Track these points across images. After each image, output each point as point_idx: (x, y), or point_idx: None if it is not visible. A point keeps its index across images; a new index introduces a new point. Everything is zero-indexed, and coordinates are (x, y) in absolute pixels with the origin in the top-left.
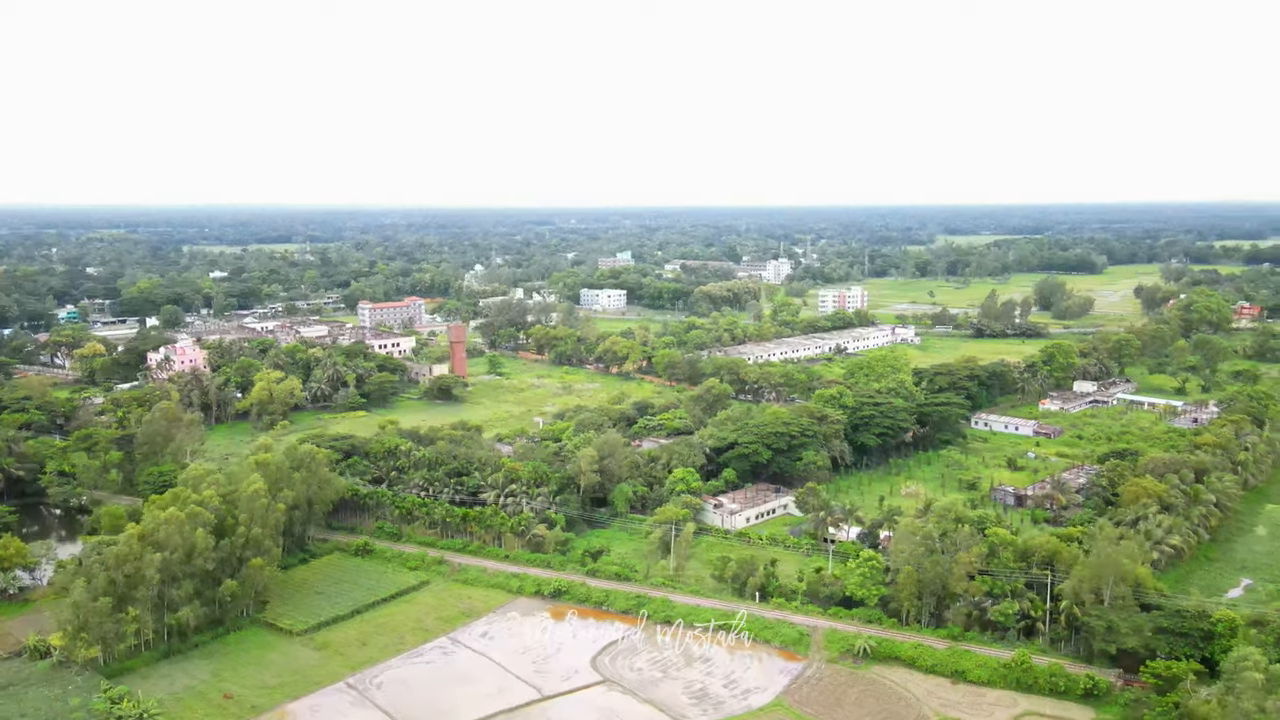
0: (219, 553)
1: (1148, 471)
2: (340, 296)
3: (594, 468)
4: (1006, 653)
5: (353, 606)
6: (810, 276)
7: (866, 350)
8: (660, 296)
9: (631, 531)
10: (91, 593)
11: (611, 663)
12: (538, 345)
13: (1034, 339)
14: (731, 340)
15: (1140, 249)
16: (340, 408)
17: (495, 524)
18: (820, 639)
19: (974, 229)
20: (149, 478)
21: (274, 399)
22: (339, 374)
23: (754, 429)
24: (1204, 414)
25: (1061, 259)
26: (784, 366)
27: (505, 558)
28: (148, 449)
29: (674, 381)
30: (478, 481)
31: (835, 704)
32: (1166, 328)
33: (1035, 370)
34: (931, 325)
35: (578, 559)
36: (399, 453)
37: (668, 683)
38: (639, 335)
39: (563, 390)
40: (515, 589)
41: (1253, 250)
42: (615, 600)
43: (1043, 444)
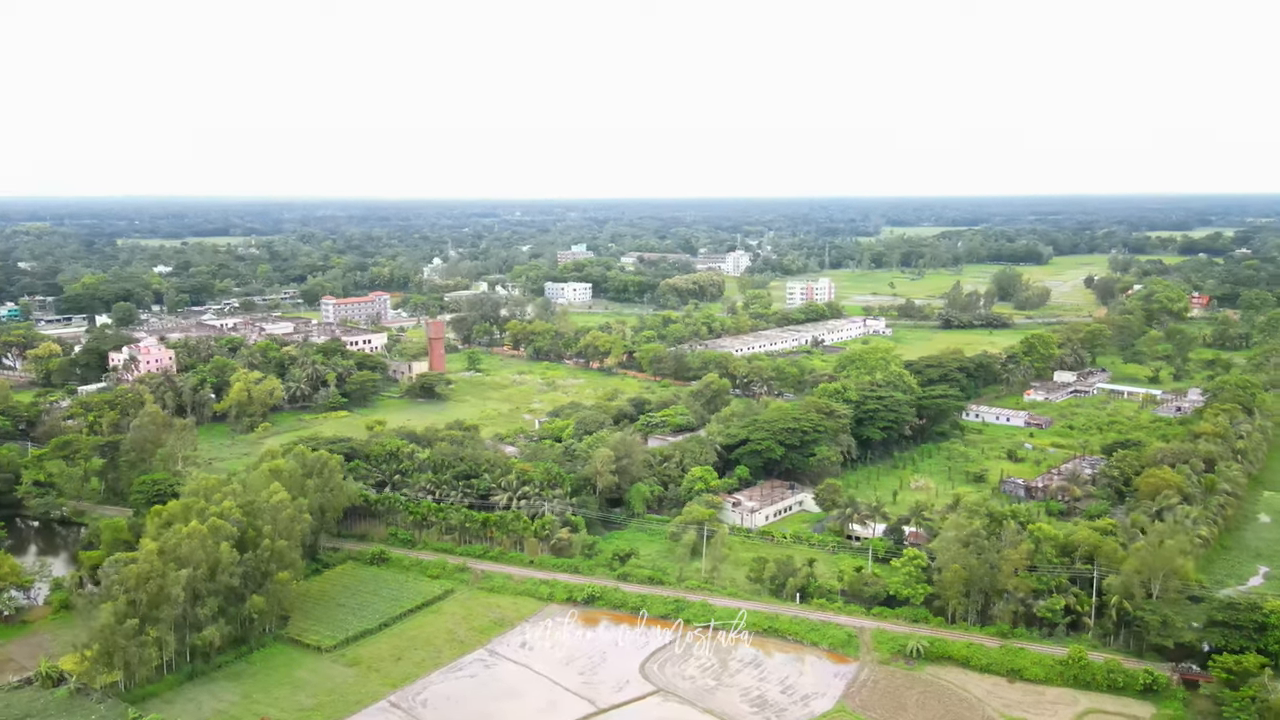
0: (243, 567)
1: (1159, 462)
2: (298, 292)
3: (610, 468)
4: (1059, 649)
5: (380, 619)
6: (769, 269)
7: (841, 342)
8: (625, 289)
9: (651, 532)
10: (116, 614)
11: (661, 670)
12: (514, 340)
13: (1000, 329)
14: (709, 334)
15: (1081, 240)
16: (321, 408)
17: (518, 529)
18: (869, 640)
19: (916, 220)
20: (142, 487)
21: (253, 400)
22: (318, 373)
23: (765, 425)
24: (1185, 402)
25: (1009, 250)
26: (774, 360)
27: (530, 563)
28: (135, 456)
29: (659, 377)
30: (488, 484)
31: (898, 708)
32: (1132, 318)
33: (1017, 361)
34: (898, 317)
35: (605, 563)
36: (400, 455)
37: (723, 690)
38: (616, 329)
39: (547, 387)
40: (545, 596)
41: (1186, 241)
42: (652, 605)
43: (1036, 435)
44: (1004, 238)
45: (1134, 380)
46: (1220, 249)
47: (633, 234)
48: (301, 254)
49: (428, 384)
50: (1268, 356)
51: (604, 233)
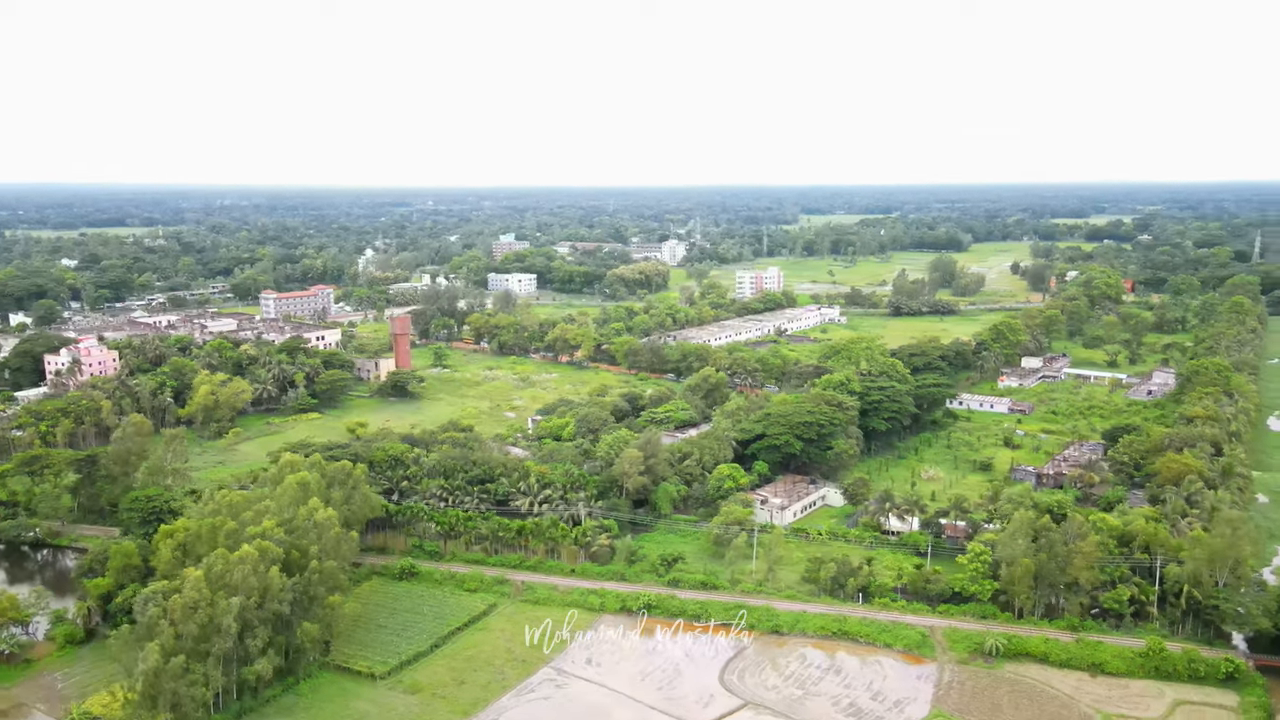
0: (291, 593)
1: (1166, 447)
2: (228, 286)
3: (639, 468)
4: (1133, 641)
5: (430, 639)
6: (706, 257)
7: (801, 331)
8: (570, 280)
9: (681, 533)
10: (163, 651)
11: (741, 681)
12: (476, 334)
13: (948, 315)
14: (674, 325)
15: (995, 228)
16: (289, 410)
17: (555, 536)
18: (941, 639)
19: (830, 208)
20: (134, 505)
21: (220, 404)
22: (284, 373)
23: (780, 420)
24: (1152, 385)
25: (931, 238)
26: (755, 351)
27: (571, 572)
28: (118, 470)
29: (635, 370)
30: (506, 489)
31: (992, 709)
32: (1079, 303)
33: (987, 348)
34: (845, 304)
35: (651, 569)
36: (405, 461)
37: (812, 700)
38: (579, 321)
39: (522, 383)
40: (597, 606)
41: (1091, 228)
42: (712, 611)
43: (1023, 421)
44: (924, 225)
45: (1092, 364)
46: (1124, 235)
47: (559, 223)
48: (222, 246)
49: (399, 382)
50: (1218, 339)
51: (527, 222)
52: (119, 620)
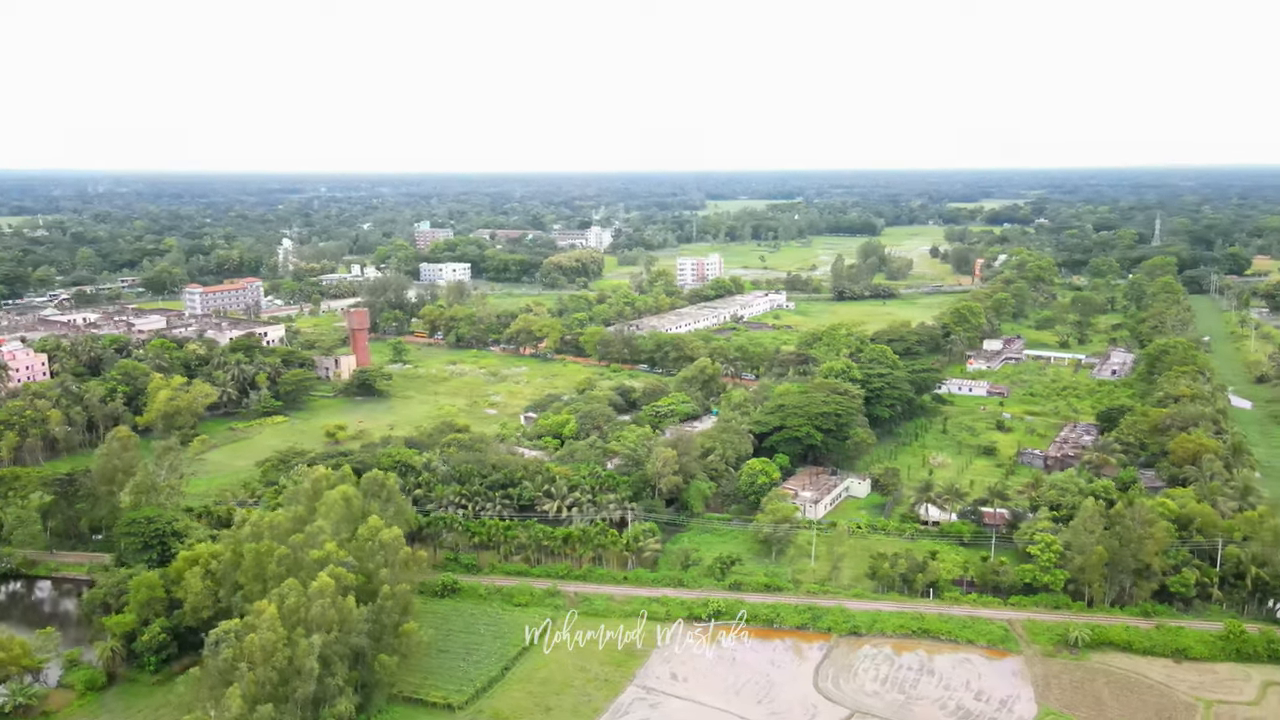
0: (369, 623)
1: (1168, 426)
2: (138, 280)
3: (674, 467)
4: (1208, 625)
5: (499, 662)
6: (635, 244)
7: (756, 317)
8: (506, 269)
9: (716, 532)
10: (245, 699)
11: (838, 687)
12: (431, 327)
13: (890, 299)
14: (633, 313)
15: (902, 212)
16: (253, 414)
17: (605, 542)
18: (1022, 632)
19: (733, 194)
20: (132, 529)
21: (181, 410)
22: (244, 374)
23: (797, 410)
24: (1114, 365)
25: (845, 222)
26: (730, 341)
27: (624, 579)
28: (104, 489)
29: (607, 361)
30: (531, 493)
31: (1096, 703)
32: (1020, 285)
33: (951, 332)
34: (784, 290)
35: (708, 572)
36: (415, 466)
37: (916, 704)
38: (535, 312)
39: (492, 377)
40: (662, 616)
41: (991, 212)
42: (784, 615)
43: (1005, 403)
44: (835, 210)
45: (1045, 345)
46: (1022, 219)
47: (472, 210)
48: (119, 237)
49: (366, 380)
50: (1160, 319)
51: (437, 209)
52: (146, 661)
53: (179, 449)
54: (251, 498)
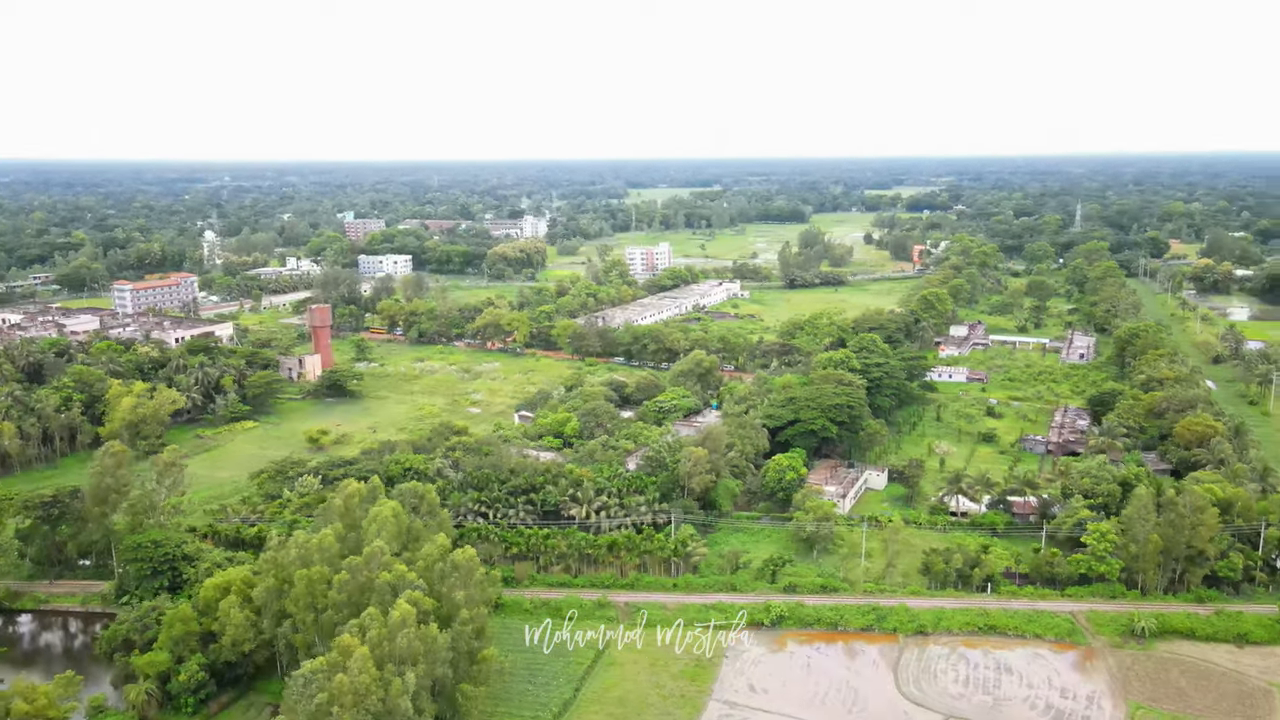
0: (452, 651)
1: (1166, 409)
2: (52, 277)
3: (705, 466)
4: (1263, 608)
5: (569, 684)
6: (571, 234)
7: (716, 306)
8: (449, 261)
9: (749, 532)
10: None
11: (922, 691)
12: (390, 323)
13: (841, 286)
14: (596, 304)
15: (826, 199)
16: (220, 420)
17: (651, 548)
18: (1086, 624)
19: (652, 183)
20: (140, 554)
21: (148, 419)
22: (209, 377)
23: (810, 403)
24: (1079, 348)
25: (775, 210)
26: (706, 332)
27: (674, 586)
28: (97, 510)
29: (582, 355)
30: (556, 497)
31: (1180, 695)
32: (971, 271)
33: (919, 319)
34: (733, 279)
35: (758, 575)
36: (426, 473)
37: (1005, 705)
38: (498, 305)
39: (466, 374)
40: (722, 623)
41: (911, 199)
42: (848, 617)
43: (986, 389)
44: (763, 198)
45: (1003, 331)
46: (941, 205)
47: (394, 200)
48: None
49: (336, 381)
50: (1114, 303)
51: (359, 199)
52: (183, 703)
53: (180, 464)
54: (254, 513)
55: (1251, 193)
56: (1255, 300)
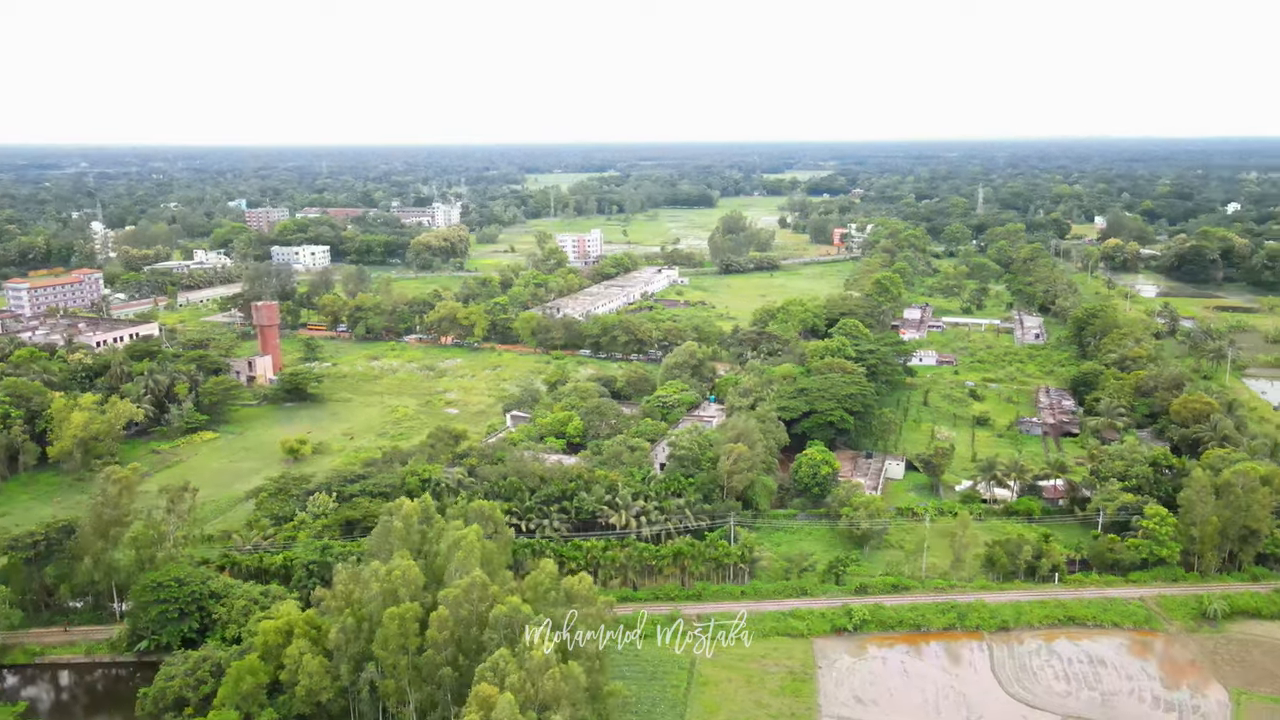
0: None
1: (1155, 388)
2: None
3: (746, 464)
4: None
5: (673, 707)
6: (487, 221)
7: (661, 293)
8: (370, 251)
9: (790, 530)
10: None
11: (1028, 691)
12: (333, 319)
13: (775, 271)
14: (548, 295)
15: (729, 183)
16: (176, 431)
17: (717, 555)
18: (1156, 609)
19: (546, 168)
20: (161, 594)
21: (102, 436)
22: (159, 384)
23: (823, 393)
24: (1032, 329)
25: (683, 195)
26: (676, 322)
27: (741, 594)
28: (99, 545)
29: (548, 349)
30: (592, 505)
31: (1270, 676)
32: (911, 254)
33: (875, 302)
34: (666, 265)
35: (825, 578)
36: (448, 485)
37: (1115, 699)
38: (445, 297)
39: (430, 372)
40: (802, 631)
41: (809, 183)
42: (929, 617)
43: (959, 371)
44: (667, 183)
45: (947, 313)
46: (839, 189)
47: (284, 187)
48: None
49: (296, 384)
50: (1052, 284)
51: (243, 186)
52: None
53: (192, 489)
54: (264, 539)
55: (1121, 175)
56: (1162, 278)
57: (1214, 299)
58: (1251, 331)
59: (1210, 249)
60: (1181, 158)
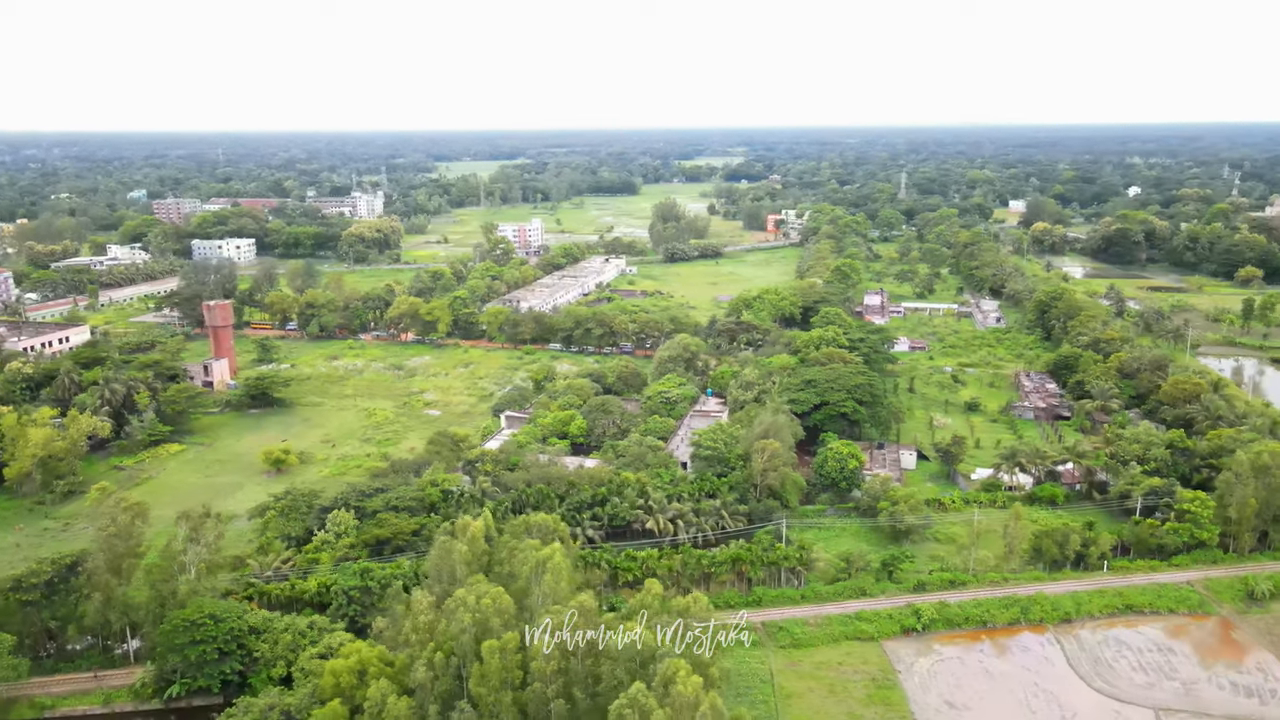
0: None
1: (1140, 369)
2: None
3: (779, 461)
4: None
5: None
6: (413, 211)
7: (614, 282)
8: (298, 244)
9: (822, 527)
10: None
11: (1111, 685)
12: (282, 317)
13: (719, 259)
14: (504, 288)
15: (648, 170)
16: (138, 445)
17: (776, 559)
18: (1205, 592)
19: (455, 155)
20: (195, 634)
21: (64, 454)
22: (116, 394)
23: (832, 384)
24: (993, 313)
25: (607, 182)
26: (649, 314)
27: (802, 598)
28: (114, 580)
29: (517, 344)
30: (626, 510)
31: None
32: (856, 239)
33: (835, 289)
34: (605, 254)
35: (880, 576)
36: (472, 496)
37: (1196, 688)
38: (398, 291)
39: (399, 372)
40: (870, 634)
41: (727, 169)
42: (993, 612)
43: (934, 356)
44: (587, 170)
45: (900, 298)
46: (757, 175)
47: (187, 177)
48: None
49: (263, 389)
50: (1001, 268)
51: (137, 175)
52: None
53: (218, 515)
54: (283, 563)
55: (1020, 160)
56: (1088, 259)
57: (1141, 280)
58: (1191, 311)
59: (1134, 231)
60: (1071, 144)
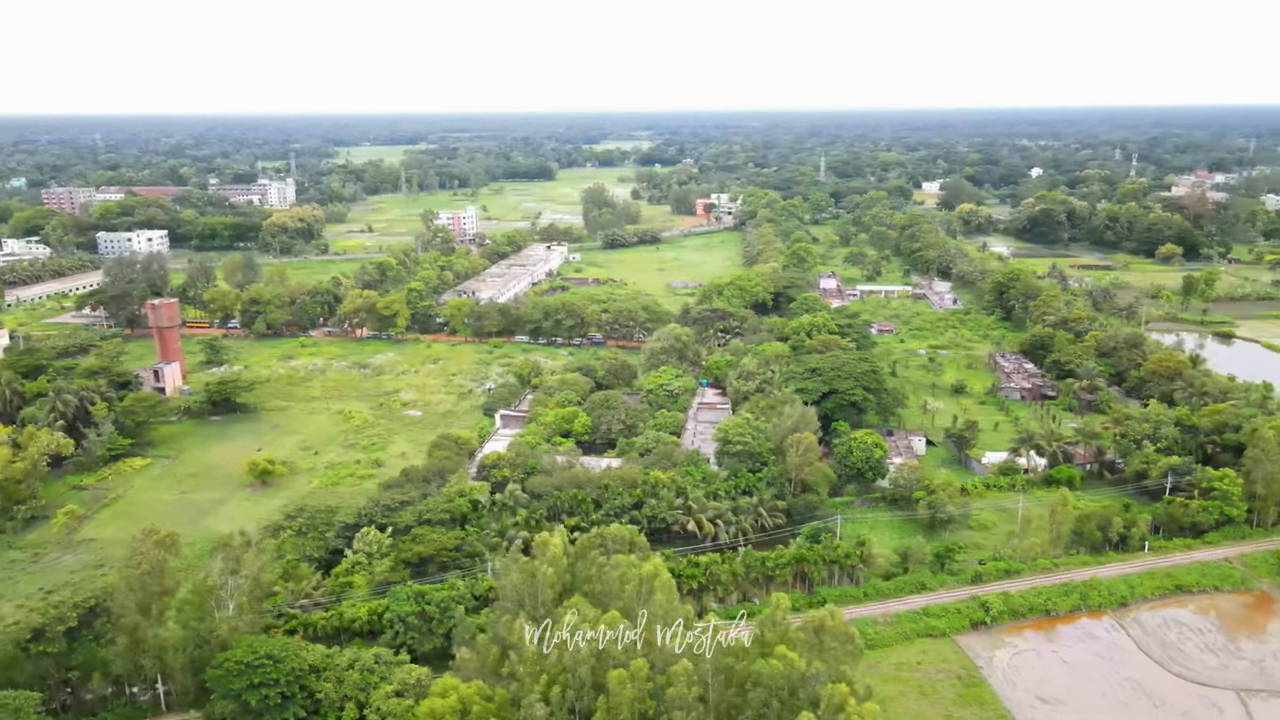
0: None
1: (1117, 348)
2: None
3: (814, 455)
4: None
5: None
6: (329, 199)
7: (561, 269)
8: (214, 235)
9: (855, 520)
10: None
11: (1190, 669)
12: (224, 315)
13: (659, 244)
14: (455, 279)
15: (561, 155)
16: (98, 461)
17: (837, 557)
18: (1242, 568)
19: (354, 140)
20: (259, 675)
21: (25, 477)
22: (68, 405)
23: (838, 371)
24: (947, 295)
25: (522, 167)
26: (620, 302)
27: (864, 597)
28: (143, 620)
29: (483, 338)
30: (666, 512)
31: None
32: (796, 223)
33: (795, 273)
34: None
35: (934, 568)
36: (496, 508)
37: (1267, 665)
38: (345, 284)
39: (365, 370)
40: (941, 630)
41: (641, 153)
42: (1054, 600)
43: (905, 339)
44: (501, 155)
45: (851, 281)
46: (671, 160)
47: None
48: None
49: (226, 395)
50: (945, 250)
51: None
52: None
53: (253, 542)
54: (314, 588)
55: (921, 143)
56: (1013, 239)
57: (1067, 258)
58: (1127, 288)
59: (1057, 211)
60: (962, 127)
